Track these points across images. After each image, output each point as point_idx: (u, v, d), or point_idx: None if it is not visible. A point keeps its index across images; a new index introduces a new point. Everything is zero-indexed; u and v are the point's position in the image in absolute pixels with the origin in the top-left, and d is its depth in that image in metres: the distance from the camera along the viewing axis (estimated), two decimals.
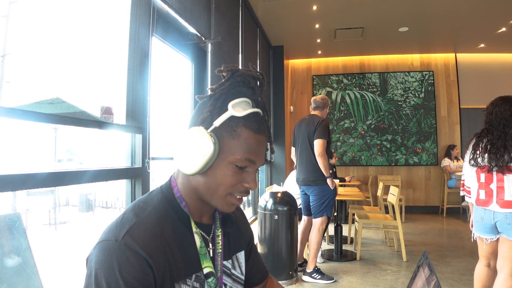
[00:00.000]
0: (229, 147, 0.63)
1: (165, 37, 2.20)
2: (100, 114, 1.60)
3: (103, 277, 0.54)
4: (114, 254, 0.56)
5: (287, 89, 6.10)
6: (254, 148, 0.64)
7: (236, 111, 0.63)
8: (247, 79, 0.66)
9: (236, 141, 0.63)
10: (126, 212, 0.64)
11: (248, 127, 0.63)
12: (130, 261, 0.55)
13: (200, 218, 0.71)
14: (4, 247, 0.97)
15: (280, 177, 5.31)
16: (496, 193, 1.91)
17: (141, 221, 0.61)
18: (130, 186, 1.72)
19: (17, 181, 1.04)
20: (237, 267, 0.77)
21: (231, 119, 0.63)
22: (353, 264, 3.37)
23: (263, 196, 2.98)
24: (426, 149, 6.14)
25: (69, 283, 1.81)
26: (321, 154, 2.89)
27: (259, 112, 0.67)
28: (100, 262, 0.56)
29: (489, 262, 2.08)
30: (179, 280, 0.62)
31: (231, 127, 0.63)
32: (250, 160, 0.64)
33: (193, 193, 0.68)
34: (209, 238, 0.71)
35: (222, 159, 0.63)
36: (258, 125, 0.65)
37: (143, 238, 0.58)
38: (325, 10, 4.30)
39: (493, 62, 6.07)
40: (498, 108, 1.97)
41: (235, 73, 0.66)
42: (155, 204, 0.66)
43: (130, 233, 0.58)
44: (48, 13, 1.34)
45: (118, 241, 0.57)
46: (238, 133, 0.63)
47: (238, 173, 0.64)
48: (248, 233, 0.86)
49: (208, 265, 0.67)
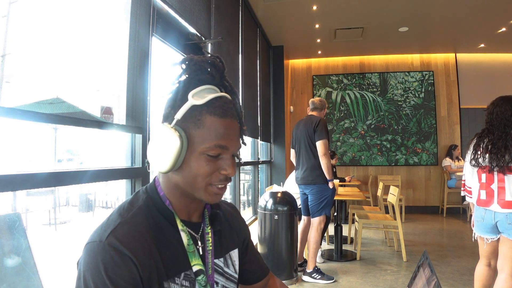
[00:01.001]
0: (197, 137, 0.62)
1: (165, 37, 2.20)
2: (100, 114, 1.60)
3: (90, 278, 0.55)
4: (99, 254, 0.56)
5: (287, 89, 6.10)
6: (222, 133, 0.62)
7: (196, 99, 0.62)
8: (202, 65, 0.64)
9: (202, 129, 0.62)
10: (112, 214, 0.64)
11: (212, 113, 0.62)
12: (115, 261, 0.55)
13: (188, 216, 0.70)
14: (4, 247, 0.97)
15: (280, 177, 5.31)
16: (497, 194, 1.92)
17: (126, 221, 0.61)
18: (130, 186, 1.72)
19: (17, 181, 1.04)
20: (230, 266, 0.76)
21: (193, 108, 0.62)
22: (353, 264, 3.37)
23: (263, 196, 2.98)
24: (426, 149, 6.14)
25: (69, 283, 1.81)
26: (325, 155, 2.91)
27: (223, 96, 0.65)
28: (87, 264, 0.56)
29: (490, 261, 2.08)
30: (168, 278, 0.62)
31: (194, 117, 0.62)
32: (220, 146, 0.62)
33: (175, 191, 0.67)
34: (198, 236, 0.70)
35: (193, 151, 0.62)
36: (222, 109, 0.63)
37: (127, 237, 0.58)
38: (325, 10, 4.30)
39: (493, 62, 6.07)
40: (499, 108, 1.98)
41: (190, 63, 0.64)
42: (140, 204, 0.65)
43: (114, 233, 0.58)
44: (48, 13, 1.34)
45: (102, 242, 0.57)
46: (203, 121, 0.62)
47: (212, 162, 0.63)
48: (243, 231, 0.84)
49: (198, 263, 0.66)
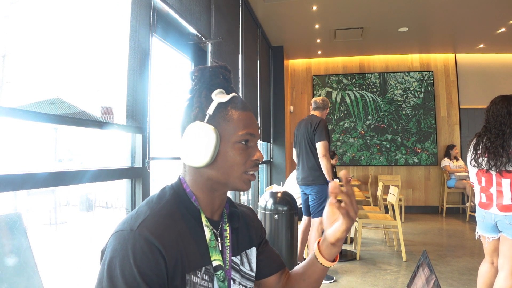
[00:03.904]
0: (228, 130, 0.69)
1: (165, 37, 2.20)
2: (101, 114, 1.60)
3: (118, 264, 0.56)
4: (129, 243, 0.58)
5: (287, 89, 6.10)
6: (248, 122, 0.70)
7: (221, 97, 0.69)
8: (216, 71, 0.73)
9: (231, 122, 0.69)
10: (141, 206, 0.67)
11: (235, 108, 0.70)
12: (143, 250, 0.57)
13: (211, 214, 0.73)
14: (5, 247, 0.98)
15: (280, 177, 5.31)
16: (496, 197, 1.93)
17: (155, 213, 0.64)
18: (130, 186, 1.72)
19: (18, 181, 1.04)
20: (245, 264, 0.78)
21: (220, 106, 0.69)
22: (353, 263, 3.37)
23: (263, 196, 2.99)
24: (425, 149, 6.15)
25: (69, 283, 1.81)
26: (325, 156, 2.91)
27: (237, 95, 0.73)
28: (115, 250, 0.58)
29: (492, 260, 2.09)
30: (190, 271, 0.63)
31: (222, 113, 0.69)
32: (250, 133, 0.70)
33: (204, 186, 0.71)
34: (217, 233, 0.73)
35: (226, 142, 0.68)
36: (242, 104, 0.72)
37: (157, 229, 0.61)
38: (325, 10, 4.30)
39: (492, 62, 6.08)
40: (495, 106, 1.98)
41: (204, 71, 0.72)
42: (167, 198, 0.69)
43: (145, 224, 0.61)
44: (49, 14, 1.34)
45: (133, 231, 0.59)
46: (231, 115, 0.69)
47: (244, 150, 0.70)
48: (260, 231, 0.87)
49: (217, 258, 0.69)
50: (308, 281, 0.79)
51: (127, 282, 0.55)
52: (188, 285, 0.63)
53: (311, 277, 0.79)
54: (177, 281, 0.61)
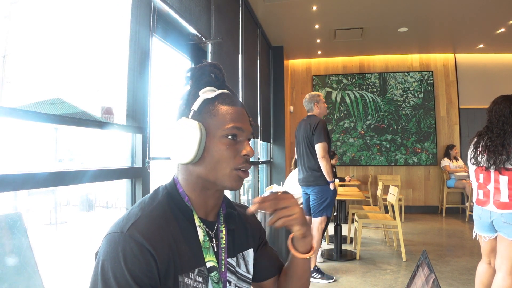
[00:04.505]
0: (214, 125, 0.67)
1: (165, 37, 2.20)
2: (101, 114, 1.60)
3: (110, 267, 0.57)
4: (119, 245, 0.58)
5: (287, 89, 6.10)
6: (236, 116, 0.68)
7: (207, 94, 0.69)
8: (206, 69, 0.72)
9: (217, 117, 0.68)
10: (133, 207, 0.67)
11: (223, 102, 0.69)
12: (134, 253, 0.57)
13: (205, 214, 0.72)
14: (5, 247, 0.98)
15: (280, 177, 5.31)
16: (493, 194, 1.93)
17: (146, 215, 0.63)
18: (130, 186, 1.72)
19: (18, 181, 1.04)
20: (242, 265, 0.77)
21: (206, 101, 0.68)
22: (353, 263, 3.37)
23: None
24: (425, 149, 6.15)
25: (70, 283, 1.82)
26: (324, 158, 2.91)
27: (227, 92, 0.72)
28: (107, 253, 0.58)
29: (490, 260, 2.09)
30: (182, 273, 0.63)
31: (208, 108, 0.68)
32: (237, 127, 0.68)
33: (196, 185, 0.70)
34: (212, 233, 0.72)
35: (212, 137, 0.67)
36: (231, 99, 0.70)
37: (148, 230, 0.60)
38: (325, 10, 4.30)
39: (492, 62, 6.08)
40: (497, 106, 2.00)
41: (194, 70, 0.72)
42: (159, 199, 0.68)
43: (135, 226, 0.60)
44: (49, 14, 1.34)
45: (124, 233, 0.59)
46: (217, 110, 0.68)
47: (232, 145, 0.68)
48: (259, 232, 0.85)
49: (211, 259, 0.68)
50: (294, 277, 0.79)
51: (119, 284, 0.55)
52: (181, 287, 0.62)
53: (296, 273, 0.79)
54: (169, 283, 0.60)
